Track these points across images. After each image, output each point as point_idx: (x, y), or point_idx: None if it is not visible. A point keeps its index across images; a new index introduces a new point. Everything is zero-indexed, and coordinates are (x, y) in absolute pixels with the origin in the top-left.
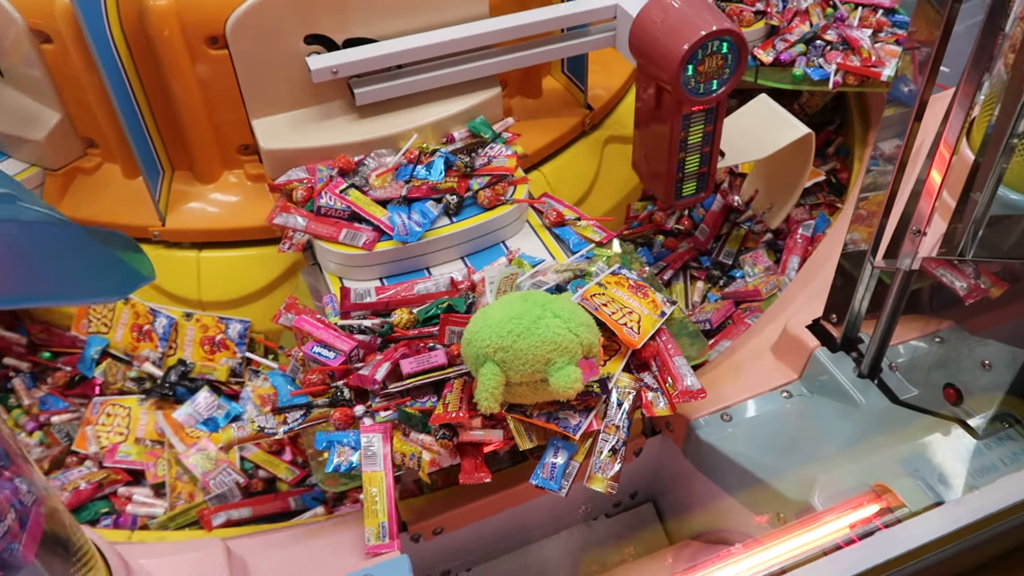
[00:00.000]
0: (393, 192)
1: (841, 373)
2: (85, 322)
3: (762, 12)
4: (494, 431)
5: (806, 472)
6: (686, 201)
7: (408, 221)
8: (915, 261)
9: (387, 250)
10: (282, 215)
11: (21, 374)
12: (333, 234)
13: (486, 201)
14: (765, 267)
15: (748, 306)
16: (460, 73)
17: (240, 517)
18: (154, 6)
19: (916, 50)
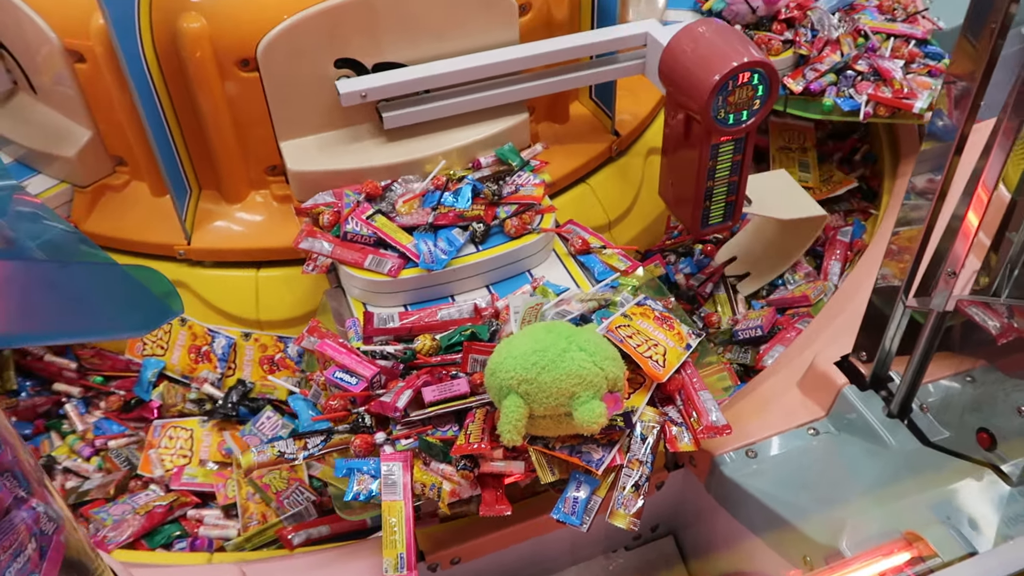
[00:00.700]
0: (420, 219)
1: (870, 412)
2: (140, 345)
3: (791, 41)
4: (515, 463)
5: (834, 514)
6: (712, 229)
7: (434, 248)
8: (949, 302)
9: (412, 277)
10: (308, 239)
11: (73, 399)
12: (359, 260)
13: (513, 230)
14: (805, 273)
15: (796, 311)
16: (488, 99)
17: (319, 535)
18: (187, 28)
19: (953, 84)
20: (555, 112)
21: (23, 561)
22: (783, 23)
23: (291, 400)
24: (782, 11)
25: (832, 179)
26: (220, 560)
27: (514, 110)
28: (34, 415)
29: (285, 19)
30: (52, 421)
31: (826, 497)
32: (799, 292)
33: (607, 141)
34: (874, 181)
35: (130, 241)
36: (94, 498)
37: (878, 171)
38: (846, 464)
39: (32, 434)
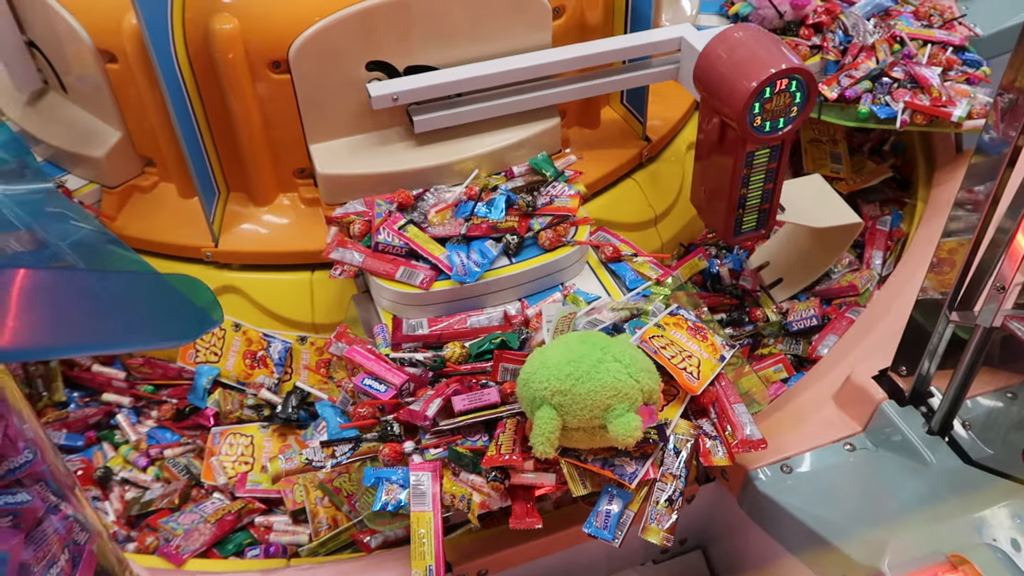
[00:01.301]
0: (452, 230)
1: (909, 428)
2: (192, 352)
3: (818, 47)
4: (546, 475)
5: (874, 534)
6: (745, 237)
7: (467, 260)
8: (997, 318)
9: (444, 290)
10: (339, 250)
11: (124, 409)
12: (390, 271)
13: (547, 242)
14: (848, 262)
15: (843, 301)
16: (520, 103)
17: (396, 536)
18: (220, 29)
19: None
20: (586, 117)
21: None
22: (811, 28)
23: (319, 407)
24: (810, 16)
25: (864, 169)
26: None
27: (545, 114)
28: (85, 426)
29: (317, 21)
30: (103, 432)
31: (864, 515)
32: (845, 282)
33: (638, 147)
34: (906, 170)
35: (157, 243)
36: (158, 508)
37: (908, 160)
38: (884, 481)
39: (84, 446)
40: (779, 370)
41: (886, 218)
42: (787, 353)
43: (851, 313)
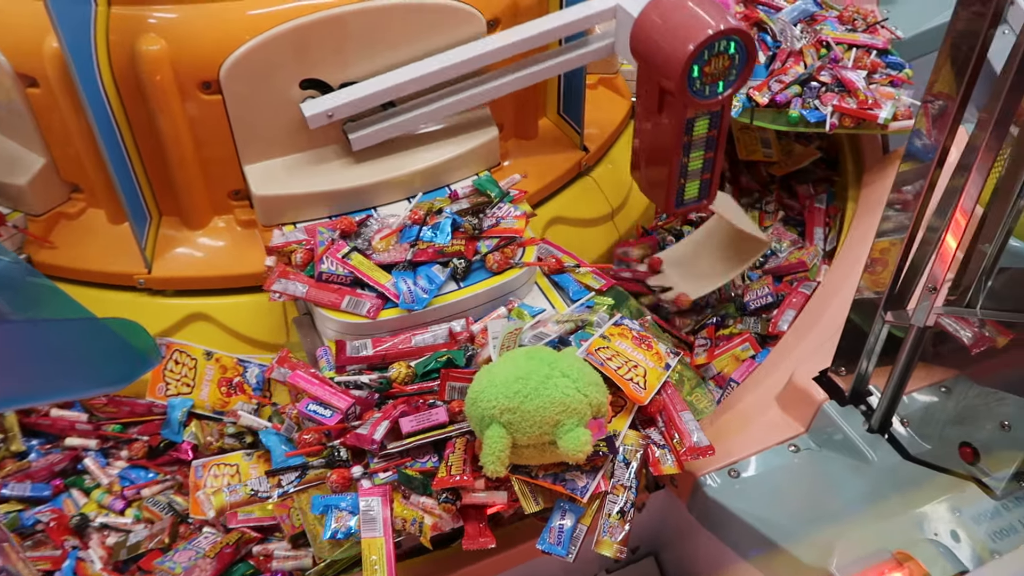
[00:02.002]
0: (398, 256)
1: (850, 427)
2: (162, 385)
3: None
4: (498, 493)
5: (821, 535)
6: (687, 208)
7: (414, 287)
8: (930, 317)
9: (392, 318)
10: (281, 281)
11: (91, 452)
12: (335, 301)
13: (495, 265)
14: (791, 240)
15: (794, 277)
16: (457, 104)
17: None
18: (146, 51)
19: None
20: (523, 128)
21: None
22: None
23: (262, 435)
24: None
25: (794, 152)
26: None
27: (483, 126)
28: (50, 475)
29: (248, 40)
30: (71, 478)
31: (811, 516)
32: (794, 259)
33: (576, 157)
34: (832, 151)
35: (87, 271)
36: (148, 549)
37: (834, 140)
38: (829, 481)
39: (52, 495)
40: (746, 348)
41: (822, 196)
42: (751, 331)
43: (803, 288)
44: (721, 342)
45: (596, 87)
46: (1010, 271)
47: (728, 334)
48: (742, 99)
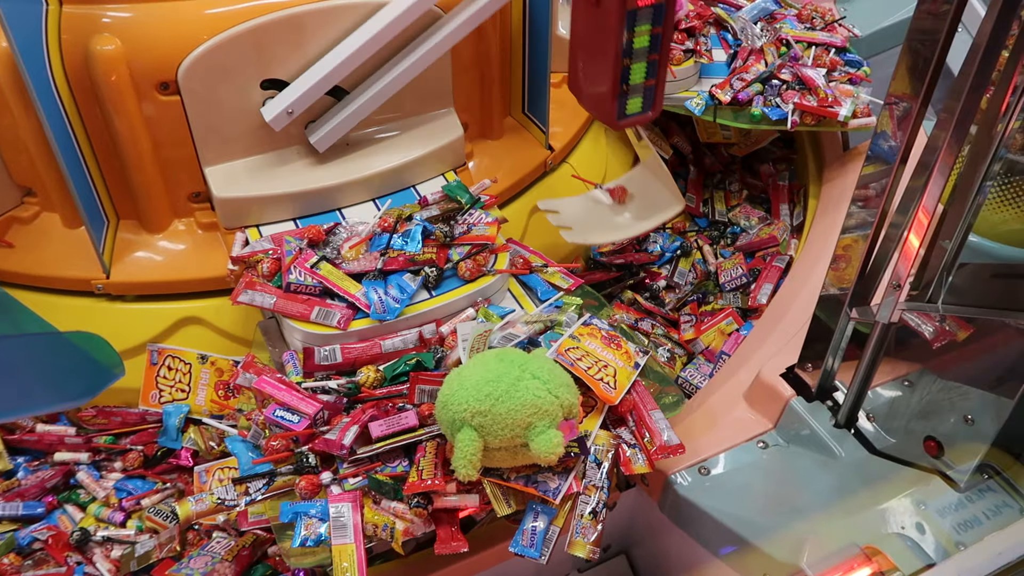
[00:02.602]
0: (368, 264)
1: (818, 423)
2: (155, 393)
3: (692, 51)
4: (469, 496)
5: (791, 531)
6: (631, 120)
7: (385, 297)
8: (894, 314)
9: (362, 329)
10: (247, 292)
11: (83, 466)
12: (304, 313)
13: (467, 273)
14: (759, 217)
15: (767, 253)
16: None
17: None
18: (100, 51)
19: (895, 105)
20: (488, 128)
21: None
22: (683, 33)
23: (228, 442)
24: (682, 21)
25: (752, 133)
26: None
27: (447, 126)
28: (42, 491)
29: (207, 39)
30: (64, 494)
31: (780, 512)
32: (765, 235)
33: (542, 156)
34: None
35: (42, 277)
36: (160, 558)
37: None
38: (797, 477)
39: (45, 512)
40: (730, 323)
41: (783, 173)
42: (732, 306)
43: (777, 261)
44: (705, 318)
45: (560, 85)
46: (970, 266)
47: (711, 310)
48: (705, 97)
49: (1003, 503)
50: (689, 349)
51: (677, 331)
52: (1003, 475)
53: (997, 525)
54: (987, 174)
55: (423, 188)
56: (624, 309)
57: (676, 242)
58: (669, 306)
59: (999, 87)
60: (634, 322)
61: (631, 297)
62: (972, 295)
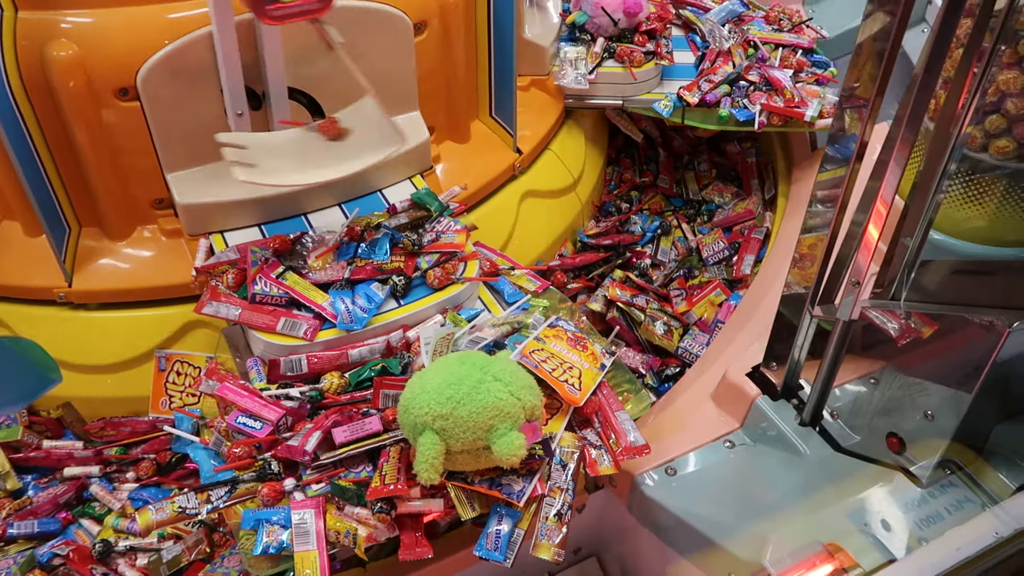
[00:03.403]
0: (335, 274)
1: (783, 421)
2: (165, 399)
3: (652, 52)
4: (434, 500)
5: (755, 529)
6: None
7: (352, 306)
8: (855, 311)
9: (330, 339)
10: (212, 304)
11: (95, 479)
12: (270, 324)
13: (436, 281)
14: (732, 193)
15: (744, 226)
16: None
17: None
18: (57, 56)
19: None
20: (455, 131)
21: None
22: (644, 35)
23: (190, 450)
24: (643, 23)
25: None
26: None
27: (413, 130)
28: (55, 507)
29: (167, 44)
30: (77, 508)
31: (746, 511)
32: (741, 209)
33: (510, 159)
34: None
35: (3, 286)
36: (191, 561)
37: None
38: (763, 476)
39: (61, 528)
40: (719, 294)
41: (750, 150)
42: (719, 278)
43: (755, 233)
44: (694, 291)
45: (528, 88)
46: (932, 263)
47: (698, 283)
48: (672, 99)
49: (965, 498)
50: (684, 321)
51: (670, 305)
52: (965, 470)
53: (959, 520)
54: (945, 172)
55: (389, 192)
56: (619, 287)
57: (655, 222)
58: (657, 283)
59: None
60: (629, 298)
61: (623, 275)
62: (934, 292)
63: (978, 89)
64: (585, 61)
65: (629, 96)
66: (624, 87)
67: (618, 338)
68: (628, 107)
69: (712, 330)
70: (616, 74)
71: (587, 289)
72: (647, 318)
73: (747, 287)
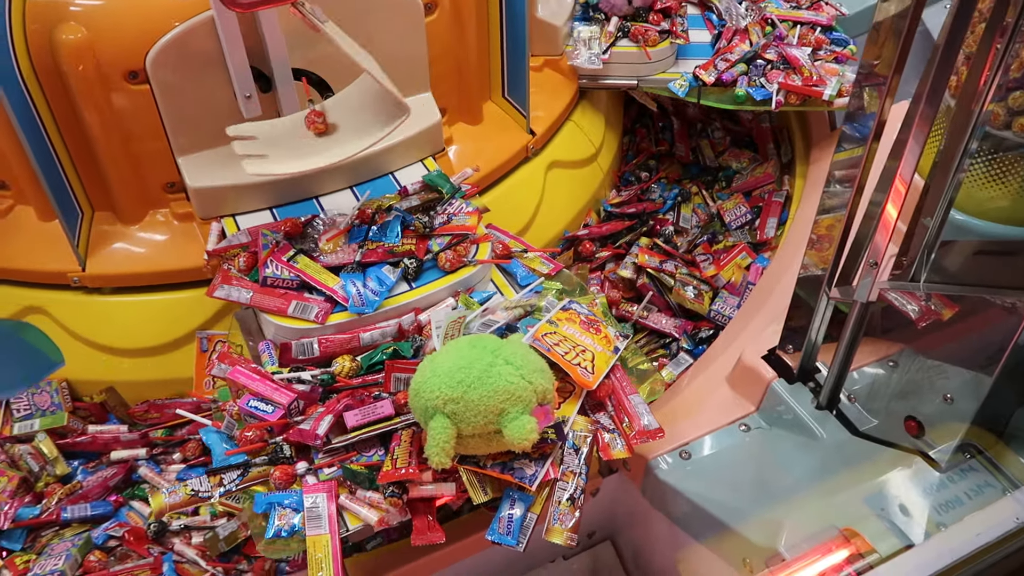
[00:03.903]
0: (346, 257)
1: (799, 405)
2: (208, 380)
3: (667, 31)
4: (446, 484)
5: (771, 514)
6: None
7: (364, 289)
8: (872, 292)
9: (341, 323)
10: (223, 287)
11: (143, 462)
12: (282, 307)
13: (448, 264)
14: (749, 158)
15: (763, 190)
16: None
17: None
18: (66, 40)
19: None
20: (468, 113)
21: None
22: (659, 14)
23: (202, 433)
24: (658, 2)
25: None
26: None
27: (425, 112)
28: (106, 490)
29: (176, 26)
30: (127, 491)
31: (761, 496)
32: (760, 173)
33: (523, 140)
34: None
35: (17, 270)
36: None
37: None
38: (779, 459)
39: (113, 510)
40: (744, 257)
41: (763, 116)
42: (744, 241)
43: (776, 196)
44: (720, 255)
45: (541, 69)
46: (953, 244)
47: (723, 247)
48: (688, 78)
49: (985, 483)
50: (714, 284)
51: (698, 269)
52: (985, 454)
53: (978, 505)
54: (966, 150)
55: (401, 175)
56: (647, 253)
57: (674, 190)
58: (683, 249)
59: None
60: (659, 264)
61: (649, 242)
62: (955, 272)
63: (1000, 65)
64: (599, 41)
65: (644, 76)
66: (639, 67)
67: (650, 304)
68: (643, 87)
69: (742, 292)
70: (630, 54)
71: (615, 257)
72: (677, 283)
73: (771, 250)
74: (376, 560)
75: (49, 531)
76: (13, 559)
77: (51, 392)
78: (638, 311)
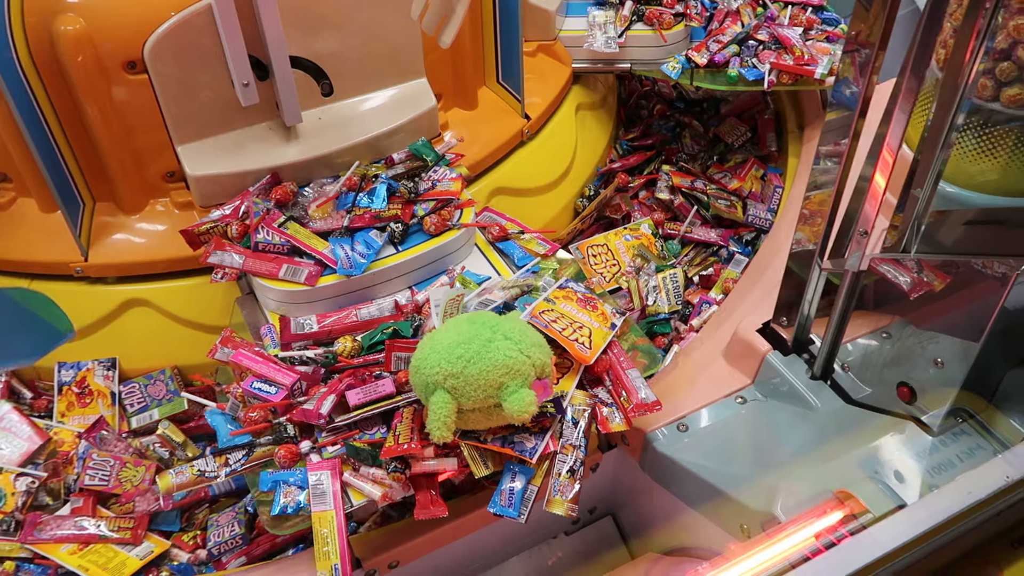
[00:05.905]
0: (334, 223)
1: (794, 376)
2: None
3: (681, 14)
4: (447, 459)
5: (767, 481)
6: None
7: (352, 253)
8: (863, 262)
9: (331, 284)
10: (217, 253)
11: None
12: (273, 271)
13: (432, 227)
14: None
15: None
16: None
17: None
18: (65, 31)
19: (856, 52)
20: (463, 98)
21: None
22: None
23: (208, 415)
24: None
25: None
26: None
27: (421, 97)
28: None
29: (173, 15)
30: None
31: (758, 464)
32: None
33: (518, 125)
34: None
35: (20, 262)
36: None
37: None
38: (775, 429)
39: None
40: (757, 169)
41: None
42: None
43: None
44: (737, 169)
45: (535, 54)
46: (943, 214)
47: (734, 163)
48: (681, 60)
49: (976, 445)
50: (741, 194)
51: (722, 184)
52: (976, 418)
53: (970, 467)
54: (954, 122)
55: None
56: (679, 175)
57: (670, 122)
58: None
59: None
60: (691, 184)
61: (670, 168)
62: (945, 242)
63: (985, 35)
64: (614, 24)
65: (652, 60)
66: (655, 50)
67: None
68: (636, 71)
69: (770, 198)
70: (645, 37)
71: (646, 184)
72: (711, 197)
73: (775, 160)
74: (380, 537)
75: (201, 508)
76: (180, 536)
77: (165, 380)
78: (684, 227)
